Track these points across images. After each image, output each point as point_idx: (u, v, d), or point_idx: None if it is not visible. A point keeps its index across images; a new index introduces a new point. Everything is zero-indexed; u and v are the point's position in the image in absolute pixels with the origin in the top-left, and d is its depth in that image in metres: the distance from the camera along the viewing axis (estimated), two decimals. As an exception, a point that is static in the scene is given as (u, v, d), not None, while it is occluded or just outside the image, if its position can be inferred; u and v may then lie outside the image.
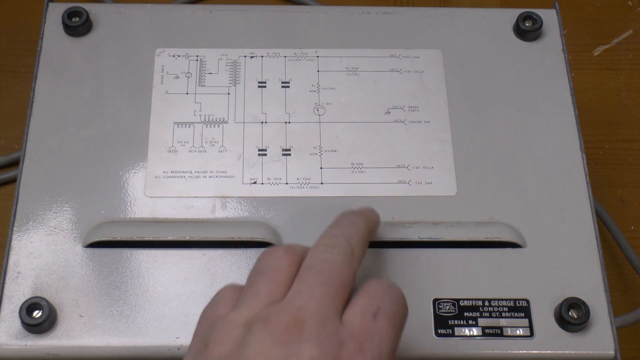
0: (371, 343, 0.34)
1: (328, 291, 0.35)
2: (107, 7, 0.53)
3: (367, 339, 0.34)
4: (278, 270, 0.36)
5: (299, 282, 0.36)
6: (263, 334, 0.33)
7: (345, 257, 0.37)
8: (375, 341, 0.34)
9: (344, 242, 0.37)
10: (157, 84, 0.50)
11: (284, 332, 0.33)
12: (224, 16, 0.53)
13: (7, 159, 0.62)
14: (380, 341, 0.34)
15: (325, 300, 0.35)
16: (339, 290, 0.35)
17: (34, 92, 0.49)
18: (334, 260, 0.36)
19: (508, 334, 0.43)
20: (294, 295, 0.35)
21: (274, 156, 0.48)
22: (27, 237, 0.45)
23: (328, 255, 0.37)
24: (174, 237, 0.45)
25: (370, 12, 0.53)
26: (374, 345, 0.34)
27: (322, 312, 0.34)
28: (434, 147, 0.49)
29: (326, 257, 0.36)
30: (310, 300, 0.34)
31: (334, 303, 0.35)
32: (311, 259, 0.37)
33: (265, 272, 0.36)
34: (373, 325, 0.35)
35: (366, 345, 0.34)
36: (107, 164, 0.47)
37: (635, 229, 0.62)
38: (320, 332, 0.33)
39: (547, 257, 0.46)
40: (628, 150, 0.65)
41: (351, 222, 0.40)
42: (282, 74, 0.51)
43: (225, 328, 0.35)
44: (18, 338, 0.42)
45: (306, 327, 0.33)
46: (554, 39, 0.53)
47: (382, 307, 0.35)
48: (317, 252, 0.37)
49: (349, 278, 0.36)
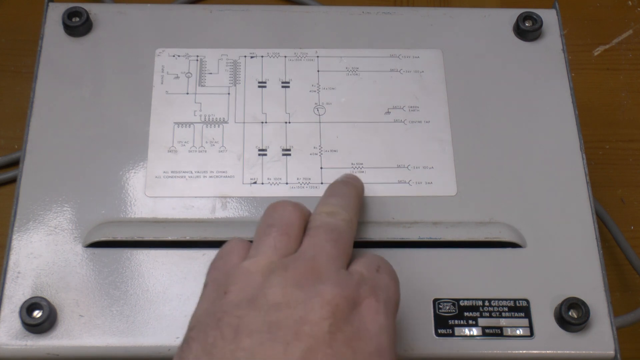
0: (380, 289, 0.37)
1: (337, 247, 0.38)
2: (107, 7, 0.53)
3: (376, 285, 0.37)
4: (290, 225, 0.39)
5: (310, 238, 0.38)
6: (283, 279, 0.36)
7: (346, 223, 0.40)
8: (383, 288, 0.37)
9: (343, 210, 0.41)
10: (157, 84, 0.50)
11: (303, 276, 0.36)
12: (224, 16, 0.53)
13: (7, 159, 0.62)
14: (388, 289, 0.37)
15: (335, 253, 0.38)
16: (345, 249, 0.39)
17: (34, 92, 0.49)
18: (337, 224, 0.40)
19: (508, 334, 0.43)
20: (307, 248, 0.38)
21: (274, 156, 0.48)
22: (27, 237, 0.45)
23: (332, 220, 0.40)
24: (174, 237, 0.45)
25: (370, 12, 0.53)
26: (383, 291, 0.37)
27: (334, 263, 0.37)
28: (434, 147, 0.49)
29: (330, 221, 0.40)
30: (322, 252, 0.37)
31: (341, 259, 0.38)
32: (317, 221, 0.40)
33: (277, 224, 0.39)
34: (378, 275, 0.38)
35: (377, 290, 0.37)
36: (107, 164, 0.47)
37: (635, 229, 0.62)
38: (337, 276, 0.36)
39: (547, 257, 0.46)
40: (628, 150, 0.65)
41: (345, 192, 0.43)
42: (282, 74, 0.51)
43: (244, 275, 0.37)
44: (18, 338, 0.42)
45: (323, 272, 0.36)
46: (554, 39, 0.53)
47: (382, 266, 0.39)
48: (321, 217, 0.40)
49: (350, 241, 0.40)
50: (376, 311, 0.36)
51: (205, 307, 0.37)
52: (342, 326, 0.34)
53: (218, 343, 0.34)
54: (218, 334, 0.34)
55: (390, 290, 0.38)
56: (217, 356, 0.33)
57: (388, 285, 0.38)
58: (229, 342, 0.34)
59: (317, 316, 0.34)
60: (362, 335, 0.35)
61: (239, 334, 0.34)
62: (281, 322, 0.34)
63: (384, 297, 0.37)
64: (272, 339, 0.33)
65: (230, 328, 0.34)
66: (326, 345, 0.33)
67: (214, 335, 0.34)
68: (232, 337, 0.34)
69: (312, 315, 0.34)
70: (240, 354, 0.33)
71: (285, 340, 0.33)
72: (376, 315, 0.36)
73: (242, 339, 0.33)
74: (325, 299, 0.35)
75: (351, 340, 0.34)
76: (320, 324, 0.34)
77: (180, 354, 0.35)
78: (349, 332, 0.34)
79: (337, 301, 0.35)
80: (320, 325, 0.34)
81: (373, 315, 0.36)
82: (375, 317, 0.36)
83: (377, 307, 0.36)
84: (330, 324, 0.34)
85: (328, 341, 0.33)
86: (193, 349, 0.34)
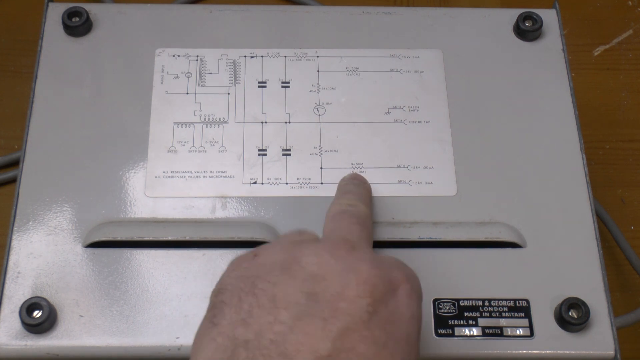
0: (412, 278, 0.36)
1: (363, 231, 0.39)
2: (107, 7, 0.53)
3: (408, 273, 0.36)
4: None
5: (335, 221, 0.39)
6: (315, 248, 0.35)
7: (366, 215, 0.41)
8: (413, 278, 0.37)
9: (362, 204, 0.42)
10: (157, 84, 0.50)
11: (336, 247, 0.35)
12: (224, 16, 0.53)
13: (7, 159, 0.62)
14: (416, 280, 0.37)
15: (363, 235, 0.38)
16: (370, 236, 0.39)
17: (34, 92, 0.49)
18: (360, 212, 0.41)
19: (508, 334, 0.43)
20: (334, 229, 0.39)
21: (274, 156, 0.48)
22: (27, 237, 0.45)
23: (353, 208, 0.41)
24: (174, 237, 0.45)
25: (370, 12, 0.53)
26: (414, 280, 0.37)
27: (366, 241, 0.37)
28: (434, 147, 0.49)
29: (352, 209, 0.41)
30: (351, 233, 0.38)
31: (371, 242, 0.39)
32: (338, 210, 0.40)
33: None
34: (406, 267, 0.37)
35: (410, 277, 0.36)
36: (107, 164, 0.47)
37: (635, 229, 0.62)
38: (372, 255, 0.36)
39: (547, 257, 0.46)
40: (628, 150, 0.65)
41: (359, 191, 0.44)
42: (282, 74, 0.51)
43: (273, 244, 0.36)
44: (18, 338, 0.42)
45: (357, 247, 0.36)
46: (554, 39, 0.53)
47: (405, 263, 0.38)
48: (341, 206, 0.41)
49: (372, 233, 0.41)
50: (410, 297, 0.35)
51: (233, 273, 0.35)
52: (379, 307, 0.33)
53: (254, 312, 0.33)
54: (254, 301, 0.33)
55: (417, 283, 0.37)
56: (255, 327, 0.32)
57: (415, 277, 0.37)
58: (266, 312, 0.32)
59: (355, 293, 0.33)
60: (395, 320, 0.34)
61: (276, 304, 0.33)
62: (318, 294, 0.33)
63: (415, 287, 0.36)
64: (310, 313, 0.32)
65: (266, 296, 0.33)
66: (363, 326, 0.32)
67: (249, 302, 0.33)
68: (269, 306, 0.33)
69: (349, 291, 0.33)
70: (278, 327, 0.32)
71: (323, 316, 0.32)
72: (410, 301, 0.35)
73: (280, 310, 0.32)
74: (362, 277, 0.34)
75: (386, 323, 0.33)
76: (358, 302, 0.33)
77: (212, 319, 0.33)
78: (385, 315, 0.34)
79: (375, 281, 0.34)
80: (358, 304, 0.33)
81: (407, 300, 0.35)
82: (409, 303, 0.35)
83: (411, 294, 0.35)
84: (368, 304, 0.33)
85: (365, 321, 0.33)
86: (227, 315, 0.33)
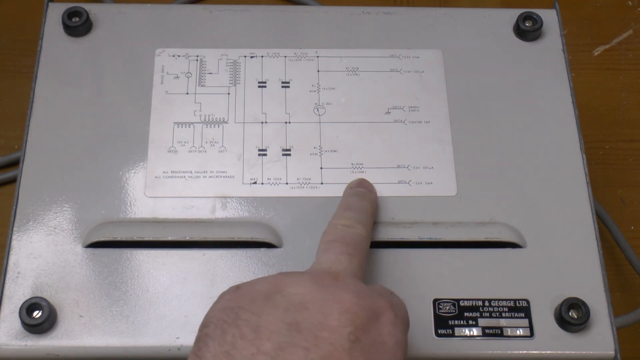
0: (396, 306, 0.37)
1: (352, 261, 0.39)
2: (107, 7, 0.53)
3: (392, 301, 0.37)
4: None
5: (325, 251, 0.39)
6: (300, 279, 0.36)
7: (362, 239, 0.41)
8: (398, 306, 0.37)
9: (360, 225, 0.42)
10: (157, 84, 0.50)
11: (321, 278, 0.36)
12: (224, 16, 0.53)
13: (7, 159, 0.62)
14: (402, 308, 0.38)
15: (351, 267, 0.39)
16: (361, 263, 0.40)
17: (34, 92, 0.49)
18: (354, 238, 0.41)
19: (508, 334, 0.43)
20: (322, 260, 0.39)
21: (274, 156, 0.48)
22: (27, 237, 0.45)
23: (347, 232, 0.41)
24: (174, 237, 0.45)
25: (370, 12, 0.53)
26: (399, 308, 0.37)
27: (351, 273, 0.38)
28: (434, 147, 0.49)
29: (346, 234, 0.41)
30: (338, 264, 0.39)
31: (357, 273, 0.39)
32: (333, 235, 0.41)
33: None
34: (393, 296, 0.38)
35: (394, 306, 0.37)
36: (107, 164, 0.47)
37: (635, 229, 0.62)
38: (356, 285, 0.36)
39: (547, 257, 0.46)
40: (628, 150, 0.65)
41: (361, 207, 0.44)
42: (282, 74, 0.51)
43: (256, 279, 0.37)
44: (18, 338, 0.42)
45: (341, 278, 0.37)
46: (554, 39, 0.53)
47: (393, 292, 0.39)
48: (336, 230, 0.41)
49: (366, 257, 0.41)
50: (394, 325, 0.36)
51: (217, 305, 0.36)
52: (361, 336, 0.34)
53: (238, 343, 0.33)
54: (237, 333, 0.33)
55: (403, 310, 0.38)
56: (237, 358, 0.33)
57: (401, 305, 0.38)
58: (249, 344, 0.33)
59: (336, 323, 0.34)
60: (379, 348, 0.34)
61: (259, 334, 0.33)
62: (300, 324, 0.34)
63: (400, 315, 0.37)
64: (292, 343, 0.33)
65: (249, 326, 0.33)
66: (346, 354, 0.33)
67: (232, 334, 0.33)
68: (252, 337, 0.33)
69: (331, 321, 0.34)
70: (261, 358, 0.32)
71: (305, 345, 0.33)
72: (394, 329, 0.35)
73: (263, 342, 0.33)
74: (344, 307, 0.34)
75: (369, 351, 0.34)
76: (340, 331, 0.34)
77: (197, 352, 0.34)
78: (368, 343, 0.34)
79: (356, 310, 0.34)
80: (340, 333, 0.33)
81: (391, 328, 0.35)
82: (392, 331, 0.35)
83: (395, 322, 0.36)
84: (350, 333, 0.34)
85: (347, 350, 0.33)
86: (210, 348, 0.33)
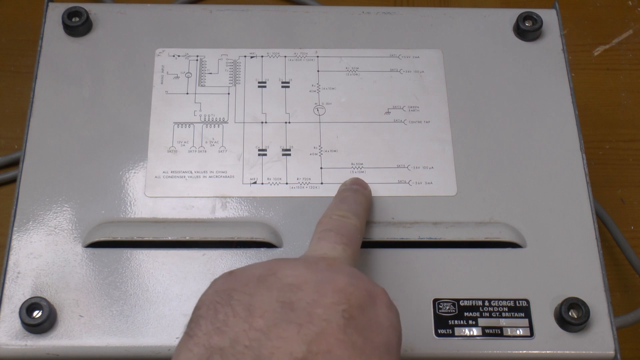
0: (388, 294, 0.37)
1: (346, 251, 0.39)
2: (107, 7, 0.53)
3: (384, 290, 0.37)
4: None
5: (319, 240, 0.40)
6: (293, 263, 0.36)
7: (356, 229, 0.41)
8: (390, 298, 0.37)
9: (354, 216, 0.42)
10: (157, 84, 0.50)
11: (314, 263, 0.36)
12: (224, 16, 0.53)
13: (7, 159, 0.62)
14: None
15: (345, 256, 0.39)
16: (354, 254, 0.40)
17: (34, 92, 0.49)
18: (348, 228, 0.41)
19: (508, 334, 0.43)
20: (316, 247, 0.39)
21: (274, 156, 0.48)
22: (27, 237, 0.45)
23: (342, 223, 0.41)
24: (174, 237, 0.45)
25: (370, 12, 0.53)
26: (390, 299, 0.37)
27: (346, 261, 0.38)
28: (434, 147, 0.49)
29: (340, 225, 0.41)
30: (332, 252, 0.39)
31: (351, 261, 0.39)
32: (328, 224, 0.41)
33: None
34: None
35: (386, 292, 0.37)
36: (107, 164, 0.47)
37: (635, 229, 0.62)
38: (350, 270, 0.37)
39: (547, 257, 0.46)
40: (628, 150, 0.65)
41: (356, 200, 0.44)
42: (282, 74, 0.51)
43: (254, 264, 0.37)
44: (18, 338, 0.42)
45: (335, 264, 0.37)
46: (554, 39, 0.53)
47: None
48: (331, 220, 0.41)
49: (359, 248, 0.41)
50: (389, 307, 0.36)
51: (210, 290, 0.35)
52: (356, 314, 0.34)
53: (230, 321, 0.33)
54: (229, 311, 0.33)
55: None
56: (229, 334, 0.32)
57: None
58: (241, 321, 0.33)
59: (331, 300, 0.34)
60: (374, 327, 0.34)
61: (251, 312, 0.33)
62: (294, 303, 0.33)
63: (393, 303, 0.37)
64: (285, 319, 0.33)
65: (241, 305, 0.33)
66: (340, 330, 0.33)
67: (225, 312, 0.33)
68: (245, 315, 0.33)
69: (325, 299, 0.34)
70: (253, 334, 0.32)
71: (298, 321, 0.33)
72: (389, 311, 0.36)
73: (255, 318, 0.33)
74: (338, 286, 0.34)
75: (364, 329, 0.34)
76: (334, 308, 0.34)
77: (189, 332, 0.34)
78: (363, 321, 0.34)
79: (351, 290, 0.35)
80: (335, 310, 0.34)
81: (386, 310, 0.36)
82: (387, 313, 0.36)
83: (390, 304, 0.36)
84: (344, 310, 0.34)
85: (342, 326, 0.33)
86: (202, 327, 0.33)
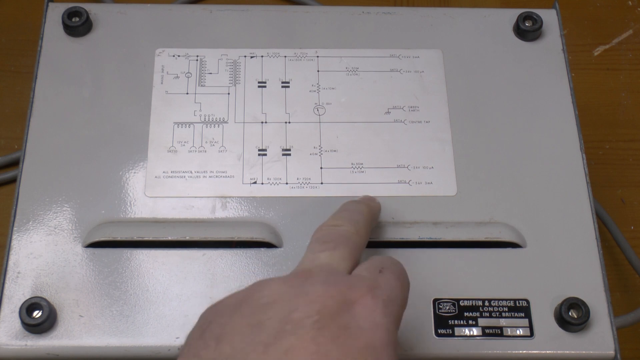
0: (380, 290, 0.36)
1: (332, 257, 0.38)
2: (107, 7, 0.53)
3: (376, 286, 0.36)
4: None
5: (308, 251, 0.39)
6: (275, 282, 0.36)
7: (348, 234, 0.40)
8: (384, 288, 0.36)
9: (347, 222, 0.41)
10: (157, 84, 0.50)
11: (294, 278, 0.36)
12: (224, 16, 0.53)
13: (7, 159, 0.62)
14: (390, 289, 0.36)
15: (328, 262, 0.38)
16: (344, 257, 0.39)
17: (34, 92, 0.49)
18: (339, 235, 0.40)
19: (508, 334, 0.43)
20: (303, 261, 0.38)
21: (274, 156, 0.48)
22: (27, 237, 0.45)
23: (331, 231, 0.40)
24: (174, 237, 0.45)
25: (370, 12, 0.53)
26: (383, 290, 0.36)
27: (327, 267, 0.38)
28: (434, 147, 0.49)
29: (329, 232, 0.40)
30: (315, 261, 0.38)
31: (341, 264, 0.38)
32: (317, 234, 0.40)
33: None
34: (380, 276, 0.37)
35: (376, 291, 0.36)
36: (107, 164, 0.47)
37: (635, 229, 0.62)
38: (327, 276, 0.36)
39: (547, 257, 0.46)
40: (628, 150, 0.65)
41: (354, 208, 0.43)
42: (282, 74, 0.51)
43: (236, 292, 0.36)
44: (18, 338, 0.42)
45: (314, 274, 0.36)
46: (554, 39, 0.53)
47: (386, 266, 0.38)
48: (321, 230, 0.41)
49: (353, 251, 0.39)
50: (372, 310, 0.35)
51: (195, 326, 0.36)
52: (328, 323, 0.33)
53: (201, 354, 0.33)
54: (201, 344, 0.34)
55: (393, 291, 0.37)
56: None
57: (391, 286, 0.37)
58: (211, 351, 0.33)
59: (301, 314, 0.33)
60: (351, 332, 0.34)
61: (221, 341, 0.33)
62: (264, 323, 0.33)
63: (384, 297, 0.36)
64: (252, 341, 0.33)
65: (212, 337, 0.34)
66: (311, 342, 0.32)
67: (197, 346, 0.34)
68: (214, 345, 0.33)
69: (295, 314, 0.33)
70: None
71: (266, 341, 0.32)
72: (371, 313, 0.35)
73: (223, 346, 0.33)
74: (310, 298, 0.34)
75: (338, 337, 0.33)
76: (304, 321, 0.33)
77: None
78: (336, 329, 0.33)
79: (323, 300, 0.34)
80: (304, 323, 0.33)
81: (367, 313, 0.35)
82: (369, 315, 0.35)
83: (373, 306, 0.35)
84: (315, 322, 0.33)
85: (313, 338, 0.33)
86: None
